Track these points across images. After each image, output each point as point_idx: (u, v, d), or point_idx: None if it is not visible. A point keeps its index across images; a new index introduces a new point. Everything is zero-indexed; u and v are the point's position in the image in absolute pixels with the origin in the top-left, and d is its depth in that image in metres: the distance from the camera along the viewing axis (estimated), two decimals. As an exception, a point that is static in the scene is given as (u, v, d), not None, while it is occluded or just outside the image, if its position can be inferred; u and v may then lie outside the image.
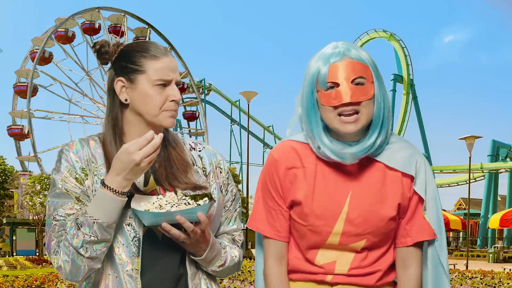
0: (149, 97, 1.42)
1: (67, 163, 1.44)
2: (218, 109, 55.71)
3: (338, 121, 1.36)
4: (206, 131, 51.60)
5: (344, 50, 1.37)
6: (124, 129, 1.48)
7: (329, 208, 1.41)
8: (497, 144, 36.67)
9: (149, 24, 49.42)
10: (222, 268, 1.51)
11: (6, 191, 32.09)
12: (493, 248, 26.71)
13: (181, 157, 1.49)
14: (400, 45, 43.19)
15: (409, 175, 1.42)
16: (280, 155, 1.48)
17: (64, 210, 1.40)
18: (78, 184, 1.42)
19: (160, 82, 1.41)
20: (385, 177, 1.42)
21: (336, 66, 1.36)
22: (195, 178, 1.49)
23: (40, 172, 35.79)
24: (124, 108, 1.46)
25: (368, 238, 1.41)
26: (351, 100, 1.33)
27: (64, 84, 47.89)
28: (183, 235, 1.35)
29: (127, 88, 1.44)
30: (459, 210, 45.56)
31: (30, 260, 19.08)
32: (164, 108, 1.43)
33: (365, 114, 1.36)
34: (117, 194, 1.33)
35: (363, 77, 1.36)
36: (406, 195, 1.43)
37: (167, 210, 1.32)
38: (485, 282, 9.57)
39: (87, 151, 1.46)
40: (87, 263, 1.36)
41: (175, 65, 1.46)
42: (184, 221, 1.32)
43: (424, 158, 1.48)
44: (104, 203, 1.33)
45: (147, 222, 1.33)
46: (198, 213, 1.32)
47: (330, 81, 1.36)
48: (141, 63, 1.42)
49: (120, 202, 1.34)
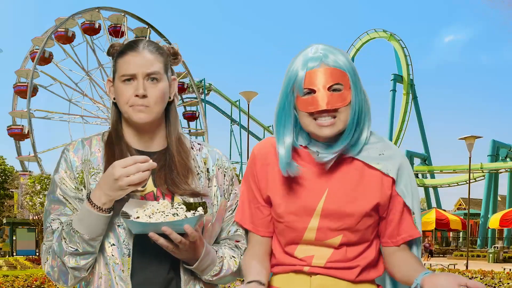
0: (119, 93, 1.44)
1: (66, 164, 1.45)
2: (218, 109, 55.67)
3: (314, 125, 1.39)
4: (206, 131, 51.61)
5: (322, 56, 1.38)
6: (124, 129, 1.50)
7: (304, 204, 1.44)
8: (497, 144, 36.62)
9: (149, 24, 49.42)
10: (217, 277, 1.49)
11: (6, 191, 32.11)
12: (493, 248, 26.70)
13: (184, 163, 1.48)
14: (400, 45, 43.14)
15: (389, 175, 1.44)
16: (259, 151, 1.53)
17: (56, 217, 1.42)
18: (73, 186, 1.43)
19: (124, 77, 1.42)
20: (363, 175, 1.45)
21: (313, 72, 1.37)
22: (196, 184, 1.48)
23: (40, 172, 35.78)
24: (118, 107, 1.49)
25: (344, 234, 1.43)
26: (327, 107, 1.35)
27: (64, 84, 47.88)
28: (171, 245, 1.33)
29: (113, 87, 1.48)
30: (459, 210, 45.55)
31: (30, 260, 19.08)
32: (130, 103, 1.42)
33: (342, 119, 1.39)
34: (98, 209, 1.32)
35: (340, 84, 1.37)
36: (385, 193, 1.45)
37: (155, 220, 1.31)
38: (485, 282, 9.57)
39: (87, 150, 1.47)
40: (72, 273, 1.38)
41: (145, 59, 1.42)
42: (170, 232, 1.30)
43: (406, 159, 1.51)
44: (86, 217, 1.34)
45: (135, 231, 1.33)
46: (185, 225, 1.30)
47: (307, 87, 1.37)
48: (116, 62, 1.45)
49: (101, 218, 1.34)
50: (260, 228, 1.53)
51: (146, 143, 1.50)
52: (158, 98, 1.43)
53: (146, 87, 1.41)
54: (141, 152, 1.48)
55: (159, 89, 1.43)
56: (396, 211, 1.47)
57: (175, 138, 1.51)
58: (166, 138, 1.52)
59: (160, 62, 1.45)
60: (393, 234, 1.49)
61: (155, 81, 1.43)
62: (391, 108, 42.59)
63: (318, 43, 1.43)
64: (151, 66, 1.42)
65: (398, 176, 1.45)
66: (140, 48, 1.43)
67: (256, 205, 1.53)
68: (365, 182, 1.44)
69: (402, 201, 1.46)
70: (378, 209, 1.46)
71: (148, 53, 1.43)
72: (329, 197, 1.43)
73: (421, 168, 41.22)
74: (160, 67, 1.44)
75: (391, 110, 42.63)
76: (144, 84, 1.41)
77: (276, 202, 1.47)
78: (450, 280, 1.21)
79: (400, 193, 1.45)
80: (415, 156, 40.39)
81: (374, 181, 1.45)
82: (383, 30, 44.39)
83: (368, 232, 1.47)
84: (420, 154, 41.49)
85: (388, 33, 43.90)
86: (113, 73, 1.47)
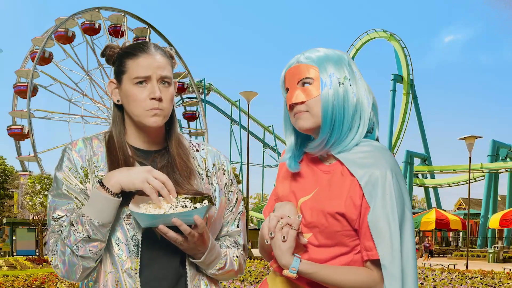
0: (130, 96, 1.43)
1: (69, 162, 1.45)
2: (218, 109, 55.72)
3: (293, 119, 1.47)
4: (206, 131, 51.61)
5: (300, 56, 1.47)
6: (126, 129, 1.50)
7: (292, 196, 1.49)
8: (497, 144, 36.62)
9: (149, 24, 49.44)
10: (222, 271, 1.50)
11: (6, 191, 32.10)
12: (493, 248, 26.69)
13: (185, 164, 1.49)
14: (400, 45, 43.15)
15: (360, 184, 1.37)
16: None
17: (63, 211, 1.41)
18: (79, 184, 1.43)
19: (137, 80, 1.41)
20: (344, 177, 1.42)
21: (288, 71, 1.47)
22: (198, 184, 1.49)
23: (40, 172, 35.83)
24: (121, 108, 1.50)
25: (314, 232, 1.42)
26: (292, 101, 1.43)
27: (64, 84, 47.89)
28: (180, 237, 1.34)
29: (117, 89, 1.47)
30: (459, 210, 45.56)
31: (30, 260, 19.07)
32: (145, 107, 1.42)
33: (313, 113, 1.42)
34: (110, 193, 1.33)
35: (309, 78, 1.43)
36: (355, 202, 1.38)
37: (164, 212, 1.31)
38: (485, 282, 9.57)
39: (89, 150, 1.47)
40: (81, 262, 1.37)
41: (158, 62, 1.43)
42: (180, 224, 1.31)
43: (391, 172, 1.37)
44: (96, 202, 1.34)
45: (144, 224, 1.33)
46: (194, 216, 1.31)
47: (285, 86, 1.48)
48: (124, 63, 1.44)
49: (112, 202, 1.34)
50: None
51: (147, 143, 1.51)
52: (170, 101, 1.45)
53: (161, 90, 1.42)
54: (142, 151, 1.50)
55: (170, 93, 1.46)
56: (365, 224, 1.37)
57: (175, 139, 1.53)
58: (165, 138, 1.53)
59: (170, 65, 1.47)
60: (361, 248, 1.40)
61: (167, 85, 1.44)
62: (391, 108, 42.59)
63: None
64: (164, 69, 1.43)
65: (364, 186, 1.36)
66: (152, 50, 1.44)
67: (274, 197, 1.60)
68: (343, 185, 1.40)
69: (367, 214, 1.36)
70: (344, 216, 1.38)
71: (160, 56, 1.45)
72: (314, 196, 1.44)
73: (421, 168, 41.24)
74: (170, 71, 1.47)
75: (391, 110, 42.61)
76: (159, 87, 1.42)
77: (278, 187, 1.57)
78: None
79: (370, 205, 1.36)
80: (415, 156, 40.39)
81: (350, 185, 1.39)
82: (383, 30, 44.40)
83: (338, 238, 1.40)
84: (420, 154, 41.49)
85: (388, 33, 43.91)
86: (119, 74, 1.46)
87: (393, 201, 1.35)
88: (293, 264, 1.34)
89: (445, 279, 10.02)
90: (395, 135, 42.52)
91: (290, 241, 1.34)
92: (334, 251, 1.41)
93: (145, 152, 1.50)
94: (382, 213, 1.34)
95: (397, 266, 1.33)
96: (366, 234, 1.38)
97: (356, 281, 1.37)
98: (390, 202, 1.35)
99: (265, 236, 1.37)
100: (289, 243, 1.34)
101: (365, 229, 1.38)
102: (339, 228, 1.39)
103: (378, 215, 1.34)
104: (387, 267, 1.33)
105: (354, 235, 1.41)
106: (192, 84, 50.42)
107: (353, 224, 1.39)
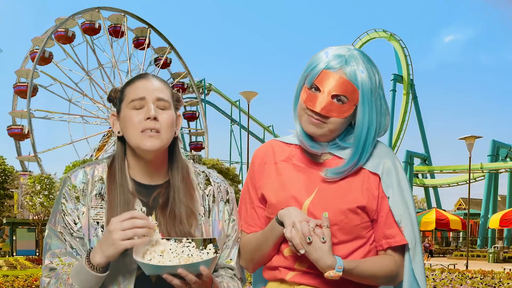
0: (127, 121, 1.42)
1: (64, 196, 1.47)
2: (218, 109, 55.67)
3: (306, 118, 1.42)
4: (206, 131, 51.60)
5: (344, 63, 1.38)
6: (128, 162, 1.50)
7: (294, 195, 1.45)
8: (497, 144, 36.59)
9: (149, 24, 49.42)
10: None
11: (6, 191, 32.01)
12: (493, 248, 26.68)
13: (186, 205, 1.46)
14: (400, 45, 43.13)
15: (376, 174, 1.43)
16: (258, 152, 1.58)
17: (56, 254, 1.43)
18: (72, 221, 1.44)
19: (133, 102, 1.41)
20: (353, 173, 1.43)
21: (327, 74, 1.38)
22: (197, 225, 1.47)
23: (40, 172, 35.76)
24: (124, 141, 1.49)
25: (332, 231, 1.40)
26: (321, 112, 1.38)
27: (64, 84, 47.85)
28: (185, 285, 1.32)
29: (117, 120, 1.48)
30: (459, 210, 45.54)
31: (30, 260, 19.07)
32: (141, 128, 1.40)
33: (330, 128, 1.41)
34: (92, 268, 1.33)
35: (345, 97, 1.38)
36: (373, 193, 1.42)
37: (168, 259, 1.29)
38: (485, 282, 9.58)
39: (89, 180, 1.47)
40: None
41: (154, 86, 1.43)
42: (186, 275, 1.28)
43: (397, 163, 1.47)
44: (81, 273, 1.35)
45: (149, 272, 1.32)
46: (201, 267, 1.29)
47: (316, 83, 1.39)
48: (123, 91, 1.46)
49: (94, 278, 1.34)
50: (253, 228, 1.54)
51: (149, 175, 1.50)
52: (168, 123, 1.43)
53: (157, 112, 1.41)
54: (145, 186, 1.48)
55: (169, 116, 1.43)
56: (383, 213, 1.43)
57: (178, 171, 1.50)
58: (168, 172, 1.51)
59: (168, 91, 1.47)
60: (379, 237, 1.45)
61: (164, 109, 1.43)
62: (391, 108, 42.49)
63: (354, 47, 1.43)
64: (161, 92, 1.43)
65: (381, 175, 1.43)
66: (149, 76, 1.47)
67: (251, 205, 1.55)
68: (353, 181, 1.43)
69: (387, 202, 1.42)
70: (365, 209, 1.42)
71: (157, 80, 1.46)
72: (318, 194, 1.43)
73: (421, 168, 41.21)
74: (168, 95, 1.45)
75: (391, 110, 42.08)
76: (154, 107, 1.41)
77: (269, 196, 1.48)
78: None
79: (386, 194, 1.42)
80: (415, 156, 40.36)
81: (362, 179, 1.43)
82: (383, 30, 44.38)
83: (355, 232, 1.42)
84: (420, 154, 41.46)
85: (388, 33, 43.89)
86: (119, 104, 1.47)
87: (407, 188, 1.44)
88: (338, 262, 1.32)
89: (445, 279, 10.03)
90: (395, 135, 42.50)
91: (329, 241, 1.33)
92: (352, 246, 1.43)
93: (147, 187, 1.48)
94: (401, 200, 1.41)
95: (419, 247, 1.44)
96: (387, 222, 1.42)
97: (386, 270, 1.42)
98: (406, 189, 1.43)
99: (299, 245, 1.31)
100: (329, 243, 1.32)
101: (384, 218, 1.42)
102: (359, 222, 1.42)
103: (398, 203, 1.41)
104: (412, 250, 1.43)
105: (370, 225, 1.45)
106: (192, 84, 50.41)
107: (371, 215, 1.43)
